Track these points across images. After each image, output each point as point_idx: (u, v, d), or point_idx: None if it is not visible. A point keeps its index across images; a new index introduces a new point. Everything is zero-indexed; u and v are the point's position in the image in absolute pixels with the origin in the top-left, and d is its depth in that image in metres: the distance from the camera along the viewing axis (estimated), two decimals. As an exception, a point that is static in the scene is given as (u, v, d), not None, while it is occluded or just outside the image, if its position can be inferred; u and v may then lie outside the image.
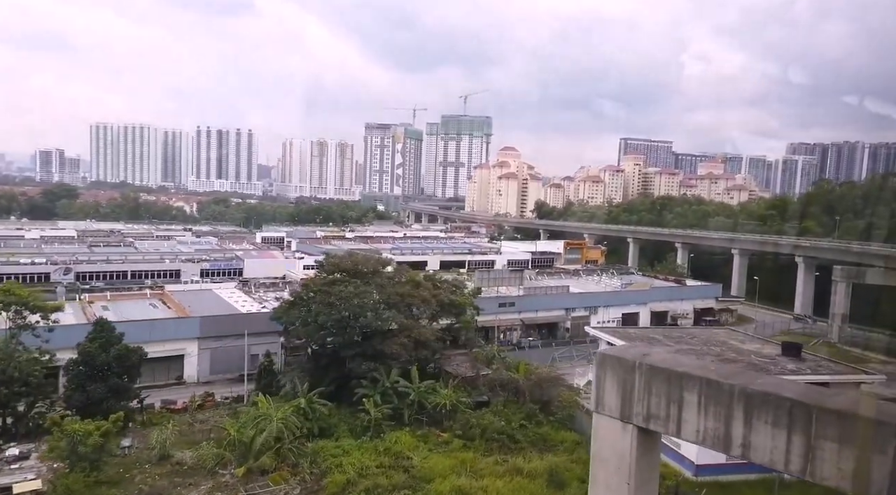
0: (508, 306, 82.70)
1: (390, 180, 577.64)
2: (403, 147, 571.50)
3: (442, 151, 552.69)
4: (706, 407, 19.31)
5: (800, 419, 16.97)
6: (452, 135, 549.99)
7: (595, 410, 21.53)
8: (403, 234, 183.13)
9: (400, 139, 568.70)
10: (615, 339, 54.10)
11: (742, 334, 60.49)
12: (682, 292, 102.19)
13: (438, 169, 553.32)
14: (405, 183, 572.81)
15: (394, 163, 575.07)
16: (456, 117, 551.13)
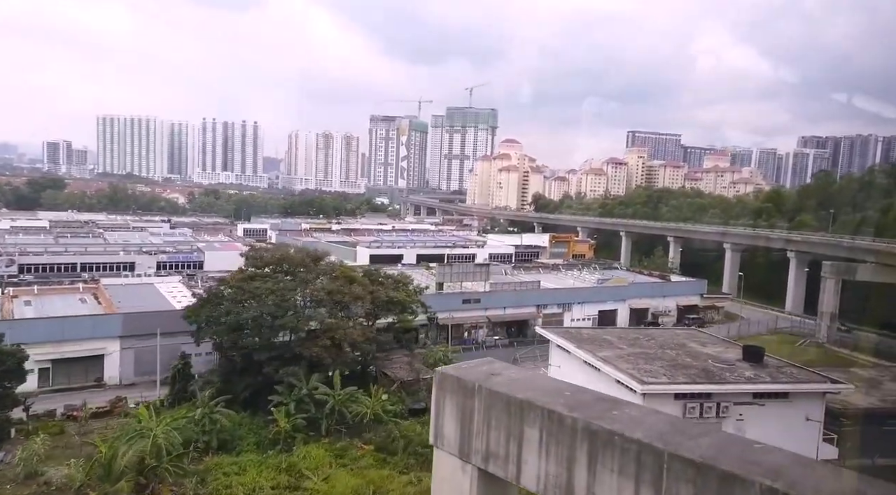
0: (474, 303, 78.16)
1: (395, 173, 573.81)
2: (408, 139, 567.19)
3: (447, 144, 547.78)
4: (548, 446, 14.59)
5: (649, 468, 12.42)
6: (458, 127, 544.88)
7: (434, 444, 16.82)
8: (392, 227, 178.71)
9: (405, 131, 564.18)
10: (562, 340, 49.42)
11: (707, 336, 55.61)
12: (664, 288, 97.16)
13: (443, 161, 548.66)
14: (410, 175, 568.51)
15: (398, 155, 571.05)
16: (461, 110, 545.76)
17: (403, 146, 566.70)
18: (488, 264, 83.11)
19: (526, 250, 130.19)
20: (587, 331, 54.45)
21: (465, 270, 78.15)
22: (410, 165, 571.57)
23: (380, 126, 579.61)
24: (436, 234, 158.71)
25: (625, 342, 50.47)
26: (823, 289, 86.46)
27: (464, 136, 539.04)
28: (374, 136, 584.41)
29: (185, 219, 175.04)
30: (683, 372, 42.44)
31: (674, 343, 50.87)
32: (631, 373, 41.01)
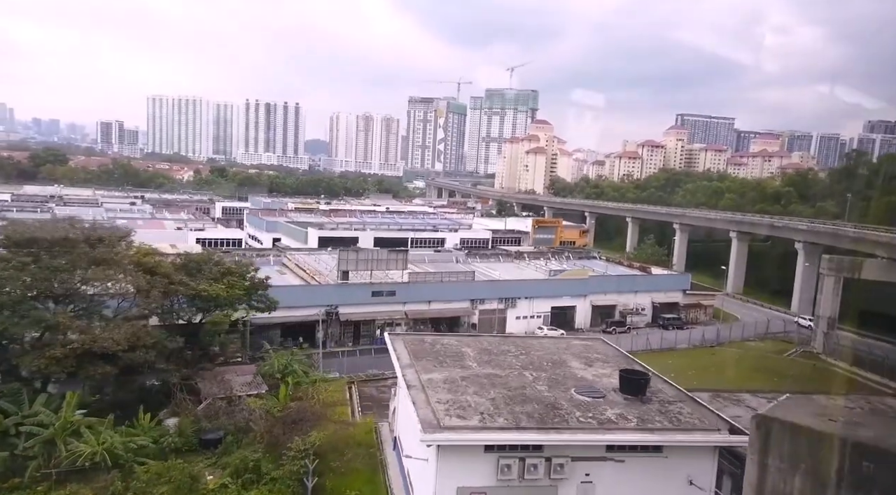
0: (387, 295, 66.57)
1: (432, 155, 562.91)
2: (446, 122, 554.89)
3: (485, 126, 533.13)
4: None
5: None
6: (496, 109, 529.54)
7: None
8: (386, 209, 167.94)
9: (442, 114, 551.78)
10: (399, 353, 37.57)
11: (611, 349, 42.72)
12: (636, 283, 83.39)
13: (480, 144, 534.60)
14: (447, 158, 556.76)
15: (435, 138, 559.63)
16: (500, 91, 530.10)
17: (441, 128, 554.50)
18: (406, 251, 71.35)
19: (506, 236, 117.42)
20: (448, 339, 42.29)
21: (378, 257, 66.44)
22: (447, 148, 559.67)
23: (418, 108, 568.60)
24: (426, 217, 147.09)
25: (485, 356, 38.27)
26: (821, 289, 71.60)
27: (502, 119, 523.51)
28: (412, 118, 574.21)
29: (169, 195, 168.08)
30: (523, 408, 30.19)
31: (551, 359, 38.38)
32: (433, 410, 29.01)
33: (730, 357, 70.35)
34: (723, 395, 47.57)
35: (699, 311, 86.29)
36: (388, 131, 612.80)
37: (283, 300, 60.49)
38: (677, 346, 73.33)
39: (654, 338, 73.88)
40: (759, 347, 74.96)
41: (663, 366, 66.30)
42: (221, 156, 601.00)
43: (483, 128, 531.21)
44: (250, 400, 38.01)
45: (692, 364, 66.49)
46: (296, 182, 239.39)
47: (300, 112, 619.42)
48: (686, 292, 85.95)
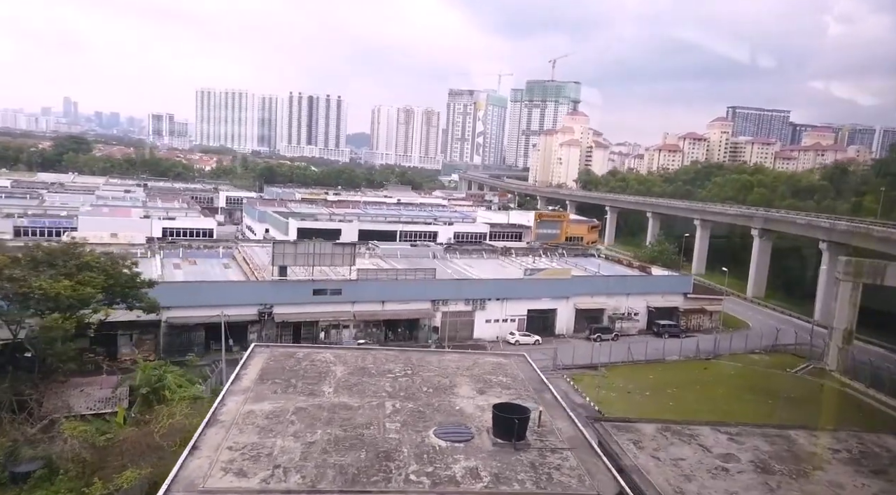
0: (332, 294, 59.72)
1: (471, 148, 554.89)
2: (485, 114, 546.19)
3: (525, 119, 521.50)
4: None
5: None
6: (537, 101, 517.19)
7: None
8: (398, 200, 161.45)
9: (482, 106, 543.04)
10: (255, 365, 30.46)
11: (529, 369, 34.76)
12: (628, 284, 74.48)
13: (520, 137, 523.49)
14: (486, 151, 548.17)
15: (475, 130, 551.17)
16: (541, 83, 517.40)
17: (480, 121, 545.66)
18: (354, 244, 64.20)
19: (507, 230, 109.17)
20: (325, 354, 34.93)
21: (320, 250, 59.48)
22: (487, 141, 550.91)
23: (457, 100, 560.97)
24: (434, 209, 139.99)
25: (355, 378, 30.71)
26: (836, 297, 61.72)
27: (543, 111, 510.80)
28: (451, 111, 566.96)
29: (179, 184, 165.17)
30: (343, 459, 22.56)
31: (437, 384, 30.60)
32: (210, 462, 21.71)
33: (723, 372, 61.20)
34: (674, 428, 39.03)
35: (703, 317, 76.91)
36: (429, 124, 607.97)
37: (208, 298, 54.60)
38: (667, 358, 64.50)
39: (642, 347, 65.14)
40: (762, 361, 65.46)
41: (641, 381, 57.90)
42: (266, 148, 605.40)
43: (523, 120, 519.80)
44: (67, 424, 31.51)
45: (675, 380, 57.77)
46: (316, 173, 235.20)
47: (342, 105, 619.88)
48: (688, 296, 76.63)
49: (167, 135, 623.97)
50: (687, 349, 66.39)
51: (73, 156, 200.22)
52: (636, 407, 50.24)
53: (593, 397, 51.21)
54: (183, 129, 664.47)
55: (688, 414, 49.05)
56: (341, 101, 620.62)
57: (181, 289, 54.19)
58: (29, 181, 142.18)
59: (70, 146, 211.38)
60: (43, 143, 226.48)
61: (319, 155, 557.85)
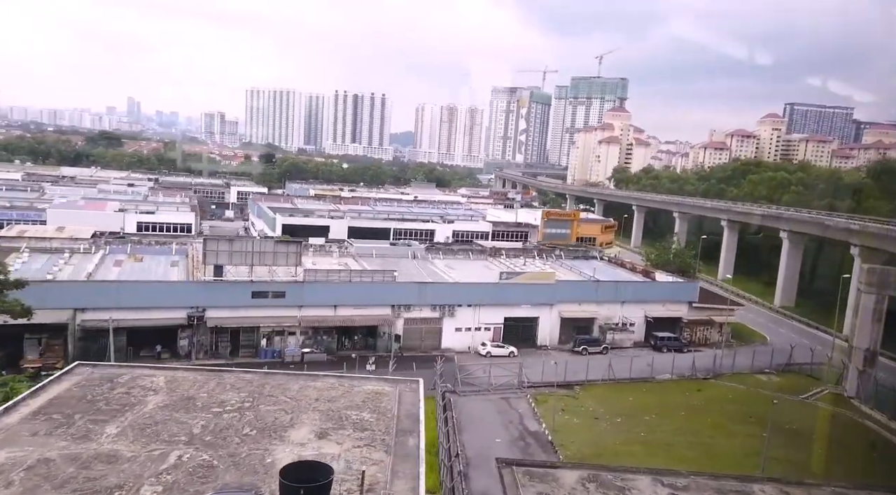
0: (274, 297, 53.86)
1: (513, 146, 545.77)
2: (528, 112, 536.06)
3: (569, 116, 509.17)
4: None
5: None
6: (582, 98, 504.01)
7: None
8: (415, 198, 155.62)
9: (525, 104, 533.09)
10: (56, 389, 24.54)
11: (414, 400, 27.93)
12: (623, 291, 66.36)
13: (564, 135, 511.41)
14: (528, 149, 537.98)
15: (517, 128, 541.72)
16: (587, 80, 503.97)
17: (523, 119, 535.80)
18: (299, 241, 57.79)
19: (512, 230, 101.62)
20: (159, 378, 28.75)
21: (261, 248, 53.65)
22: (529, 139, 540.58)
23: (500, 98, 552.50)
24: (448, 207, 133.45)
25: (165, 413, 24.43)
26: (858, 312, 52.73)
27: (588, 109, 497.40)
28: (494, 109, 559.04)
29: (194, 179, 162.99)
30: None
31: (271, 421, 24.12)
32: None
33: (719, 395, 52.91)
34: (603, 477, 31.48)
35: (711, 330, 68.25)
36: (472, 122, 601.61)
37: (129, 299, 49.44)
38: (657, 376, 56.50)
39: (635, 362, 57.31)
40: (769, 383, 56.73)
41: (618, 404, 50.14)
42: (312, 147, 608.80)
43: (567, 118, 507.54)
44: None
45: (659, 403, 49.91)
46: (343, 169, 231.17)
47: (386, 103, 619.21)
48: (693, 305, 68.09)
49: (218, 134, 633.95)
50: (682, 366, 58.15)
51: (103, 151, 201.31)
52: (597, 437, 42.74)
53: (551, 424, 43.88)
54: (233, 128, 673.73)
55: (658, 447, 41.50)
56: (385, 99, 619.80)
57: (97, 290, 49.16)
58: (43, 174, 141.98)
59: (100, 142, 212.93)
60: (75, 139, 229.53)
61: (363, 153, 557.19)
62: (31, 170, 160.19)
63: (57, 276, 51.61)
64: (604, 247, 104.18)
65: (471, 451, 39.40)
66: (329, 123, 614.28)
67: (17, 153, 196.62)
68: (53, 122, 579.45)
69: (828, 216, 79.16)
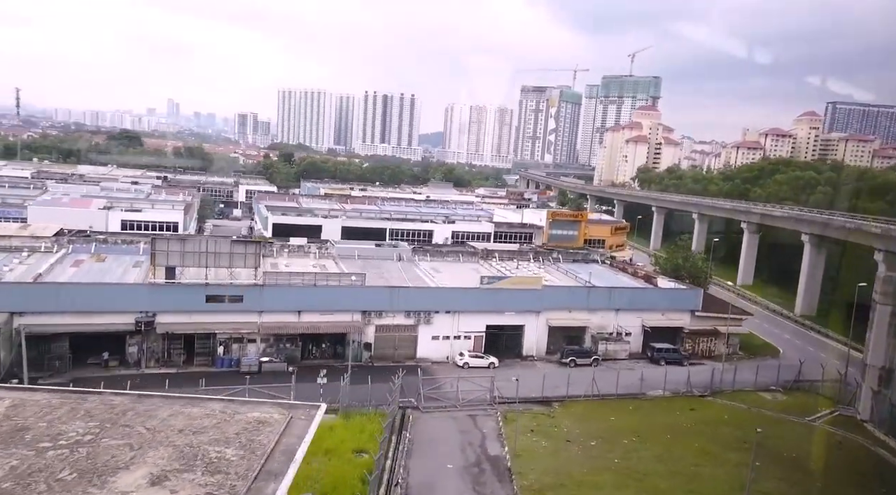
0: (231, 302, 50.29)
1: (542, 146, 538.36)
2: (557, 111, 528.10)
3: (600, 116, 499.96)
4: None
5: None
6: (613, 97, 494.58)
7: None
8: (427, 197, 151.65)
9: (554, 103, 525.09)
10: None
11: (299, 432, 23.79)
12: (617, 298, 61.19)
13: (595, 135, 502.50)
14: (557, 149, 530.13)
15: (546, 128, 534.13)
16: (618, 78, 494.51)
17: (552, 118, 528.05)
18: (258, 241, 54.02)
19: (515, 231, 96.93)
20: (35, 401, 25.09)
21: (216, 248, 50.09)
22: (558, 139, 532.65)
23: (530, 97, 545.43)
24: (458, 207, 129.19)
25: None
26: (871, 326, 47.12)
27: (619, 107, 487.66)
28: (523, 109, 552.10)
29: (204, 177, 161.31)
30: None
31: (104, 460, 20.31)
32: None
33: (714, 416, 47.69)
34: None
35: (716, 341, 62.75)
36: (501, 122, 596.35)
37: (73, 302, 46.34)
38: (648, 392, 51.46)
39: (627, 376, 52.52)
40: (773, 402, 51.26)
41: (598, 424, 45.23)
42: (342, 147, 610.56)
43: (598, 118, 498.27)
44: None
45: (644, 424, 45.01)
46: (361, 168, 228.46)
47: (415, 103, 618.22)
48: (696, 314, 62.70)
49: (251, 133, 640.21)
50: (678, 381, 52.95)
51: (124, 149, 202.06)
52: (563, 464, 38.08)
53: (514, 447, 39.38)
54: (265, 128, 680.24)
55: (630, 476, 36.79)
56: (414, 99, 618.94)
57: (37, 292, 46.08)
58: (55, 172, 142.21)
59: (122, 140, 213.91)
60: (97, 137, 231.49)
61: (392, 153, 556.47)
62: (48, 167, 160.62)
63: (5, 277, 48.87)
64: (613, 249, 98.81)
65: (415, 479, 35.20)
66: (359, 123, 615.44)
67: (39, 151, 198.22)
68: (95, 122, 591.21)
69: (850, 218, 72.74)
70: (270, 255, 65.83)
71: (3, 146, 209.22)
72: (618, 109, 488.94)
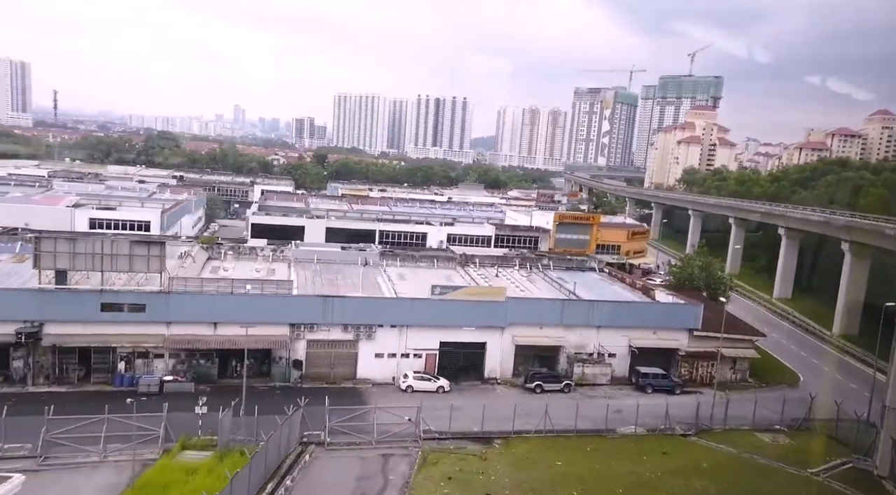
0: (131, 311, 44.12)
1: (595, 149, 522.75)
2: (612, 113, 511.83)
3: (657, 117, 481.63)
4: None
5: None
6: (671, 98, 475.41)
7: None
8: (448, 199, 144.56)
9: (609, 105, 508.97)
10: None
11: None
12: (596, 313, 52.18)
13: (651, 137, 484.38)
14: (611, 152, 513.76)
15: (600, 130, 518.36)
16: (676, 78, 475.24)
17: (606, 120, 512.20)
18: (162, 242, 47.21)
19: (517, 234, 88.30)
20: None
21: (113, 250, 43.80)
22: (613, 141, 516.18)
23: (584, 99, 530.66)
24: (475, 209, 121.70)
25: None
26: (894, 357, 37.18)
27: (677, 109, 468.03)
28: (576, 110, 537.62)
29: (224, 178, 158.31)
30: None
31: None
32: None
33: (691, 464, 38.43)
34: None
35: (722, 366, 53.07)
36: (555, 125, 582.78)
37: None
38: (618, 429, 42.59)
39: (592, 407, 43.82)
40: (771, 447, 41.56)
41: (540, 471, 36.46)
42: (394, 150, 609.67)
43: (654, 119, 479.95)
44: None
45: (597, 473, 36.47)
46: (393, 169, 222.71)
47: (467, 106, 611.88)
48: (694, 333, 53.20)
49: (307, 137, 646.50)
50: (652, 415, 43.77)
51: (158, 150, 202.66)
52: (463, 530, 29.99)
53: (414, 503, 31.57)
54: (321, 132, 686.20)
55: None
56: (467, 102, 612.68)
57: None
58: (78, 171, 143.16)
59: (158, 142, 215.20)
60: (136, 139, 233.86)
61: (444, 156, 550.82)
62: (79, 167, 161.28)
63: None
64: (630, 256, 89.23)
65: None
66: (411, 127, 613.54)
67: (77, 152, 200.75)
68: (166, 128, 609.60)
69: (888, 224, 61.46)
70: (217, 258, 60.01)
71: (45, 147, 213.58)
72: (676, 110, 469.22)
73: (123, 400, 41.41)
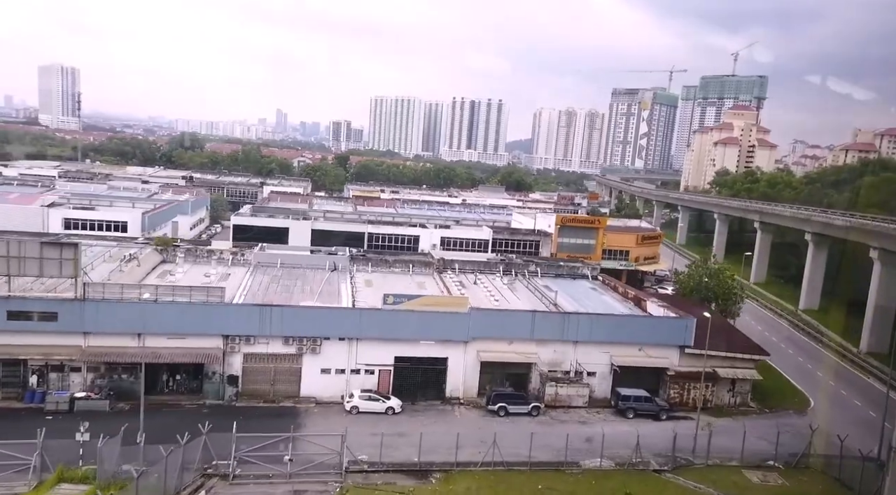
0: (42, 320, 40.09)
1: (633, 151, 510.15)
2: (650, 114, 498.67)
3: (697, 118, 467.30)
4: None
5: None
6: (712, 99, 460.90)
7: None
8: (463, 200, 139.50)
9: (647, 106, 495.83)
10: None
11: None
12: (575, 327, 46.21)
13: (691, 138, 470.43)
14: (650, 154, 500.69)
15: (637, 132, 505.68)
16: (718, 78, 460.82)
17: (644, 122, 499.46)
18: (75, 244, 42.85)
19: (517, 238, 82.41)
20: None
21: (21, 252, 39.49)
22: (651, 143, 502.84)
23: (621, 100, 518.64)
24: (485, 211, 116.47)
25: None
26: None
27: (719, 109, 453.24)
28: (613, 112, 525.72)
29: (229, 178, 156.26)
30: None
31: None
32: None
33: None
34: None
35: (718, 389, 46.68)
36: (592, 127, 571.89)
37: None
38: (582, 461, 36.79)
39: (553, 436, 38.17)
40: (759, 489, 35.18)
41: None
42: (429, 153, 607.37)
43: (695, 120, 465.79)
44: None
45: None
46: (415, 171, 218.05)
47: (502, 109, 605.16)
48: (686, 350, 46.89)
49: (344, 140, 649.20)
50: (627, 445, 37.79)
51: (181, 152, 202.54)
52: None
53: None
54: (358, 135, 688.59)
55: None
56: (502, 104, 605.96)
57: None
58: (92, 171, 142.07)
59: (182, 143, 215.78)
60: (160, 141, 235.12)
61: (478, 159, 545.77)
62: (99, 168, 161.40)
63: None
64: (640, 262, 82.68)
65: None
66: (446, 129, 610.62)
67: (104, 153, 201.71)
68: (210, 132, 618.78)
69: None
70: (172, 261, 55.99)
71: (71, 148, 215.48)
72: (717, 111, 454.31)
73: (33, 418, 37.58)
